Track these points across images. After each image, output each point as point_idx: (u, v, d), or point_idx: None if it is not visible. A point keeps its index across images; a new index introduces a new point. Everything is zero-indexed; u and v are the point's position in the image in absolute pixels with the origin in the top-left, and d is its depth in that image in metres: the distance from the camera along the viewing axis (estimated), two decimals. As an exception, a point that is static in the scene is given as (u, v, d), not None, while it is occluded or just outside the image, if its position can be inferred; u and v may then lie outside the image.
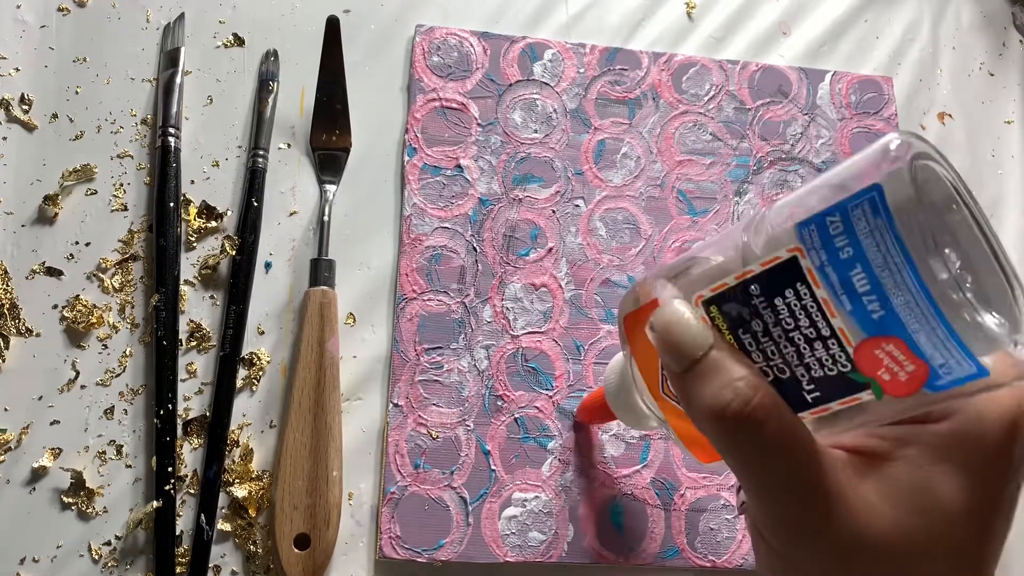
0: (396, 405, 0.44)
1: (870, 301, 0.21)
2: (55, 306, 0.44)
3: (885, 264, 0.20)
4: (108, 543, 0.41)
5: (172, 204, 0.45)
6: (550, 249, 0.48)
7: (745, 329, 0.23)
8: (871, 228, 0.20)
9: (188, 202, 0.46)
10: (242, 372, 0.44)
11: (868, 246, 0.20)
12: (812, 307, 0.22)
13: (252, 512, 0.41)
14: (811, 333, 0.22)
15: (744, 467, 0.24)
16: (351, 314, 0.46)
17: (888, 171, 0.20)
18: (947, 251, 0.20)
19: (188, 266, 0.45)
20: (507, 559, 0.42)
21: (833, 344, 0.22)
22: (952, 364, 0.20)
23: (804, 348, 0.23)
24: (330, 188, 0.48)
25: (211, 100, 0.49)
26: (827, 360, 0.22)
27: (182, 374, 0.44)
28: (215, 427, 0.42)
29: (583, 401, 0.44)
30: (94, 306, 0.44)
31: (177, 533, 0.41)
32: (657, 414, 0.29)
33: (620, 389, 0.36)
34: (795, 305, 0.22)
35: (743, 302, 0.23)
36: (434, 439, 0.44)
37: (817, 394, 0.23)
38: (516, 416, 0.45)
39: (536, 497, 0.43)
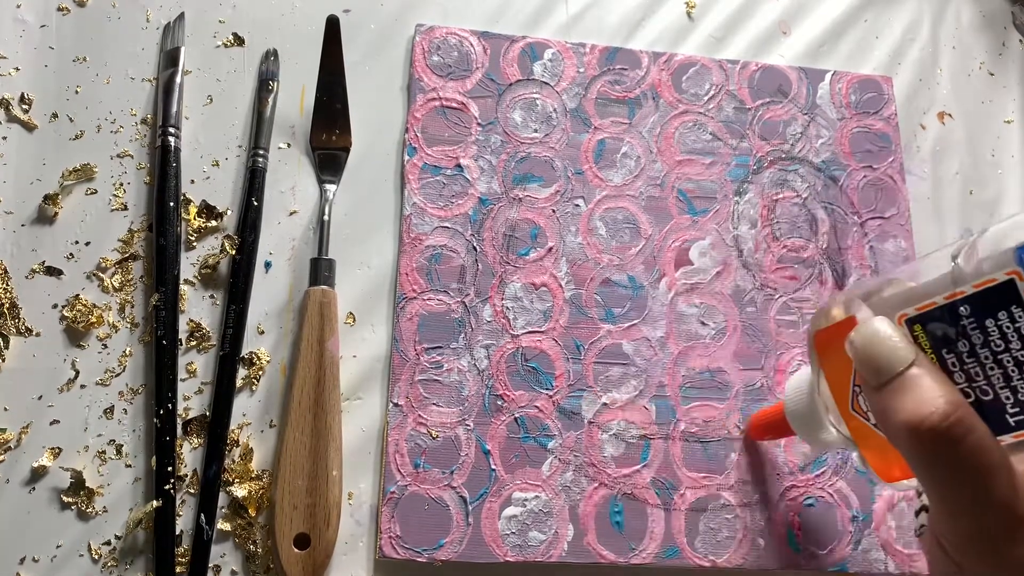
0: (396, 405, 0.44)
1: None
2: (55, 305, 0.44)
3: None
4: (108, 543, 0.41)
5: (172, 204, 0.45)
6: (550, 248, 0.48)
7: (950, 349, 0.24)
8: None
9: (188, 202, 0.46)
10: (242, 372, 0.44)
11: None
12: None
13: (252, 512, 0.41)
14: (1022, 356, 0.22)
15: (937, 482, 0.24)
16: (351, 314, 0.46)
17: None
18: None
19: (188, 265, 0.45)
20: (507, 559, 0.42)
21: None
22: None
23: (1013, 370, 0.23)
24: (330, 187, 0.48)
25: (211, 100, 0.49)
26: None
27: (182, 374, 0.44)
28: (215, 427, 0.42)
29: (756, 417, 0.43)
30: (94, 305, 0.44)
31: (177, 533, 0.41)
32: (843, 431, 0.29)
33: (804, 406, 0.36)
34: (1007, 327, 0.22)
35: (951, 322, 0.23)
36: (434, 439, 0.44)
37: (1021, 417, 0.23)
38: (516, 416, 0.45)
39: (536, 497, 0.43)
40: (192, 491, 0.42)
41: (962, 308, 0.23)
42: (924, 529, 0.30)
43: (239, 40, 0.50)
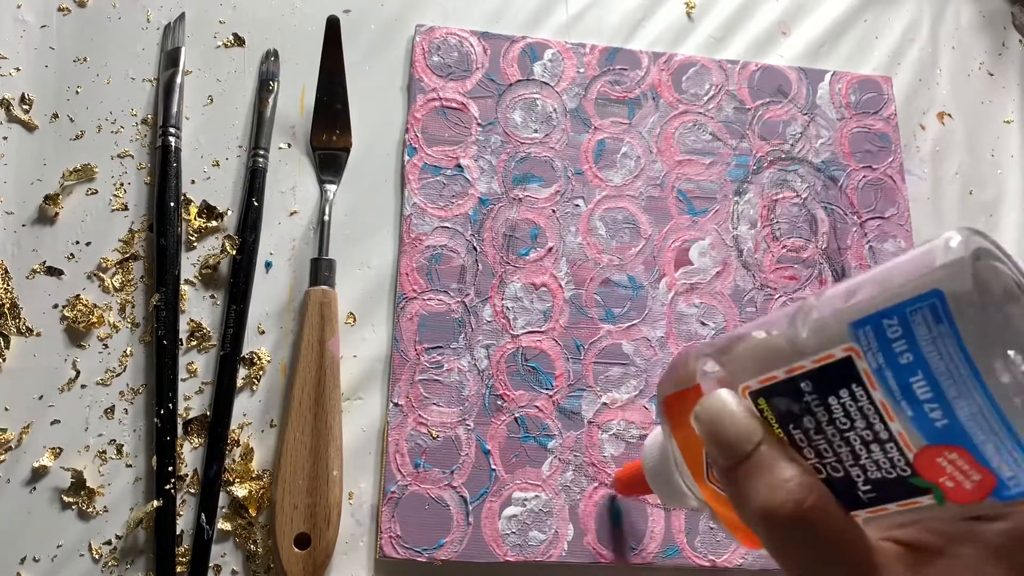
0: (396, 404, 0.44)
1: (932, 409, 0.20)
2: (55, 305, 0.44)
3: (948, 373, 0.19)
4: (108, 542, 0.41)
5: (172, 204, 0.45)
6: (550, 249, 0.48)
7: (796, 425, 0.22)
8: (933, 335, 0.19)
9: (188, 202, 0.46)
10: (242, 371, 0.44)
11: (930, 353, 0.19)
12: (869, 409, 0.21)
13: (252, 511, 0.42)
14: (868, 435, 0.21)
15: (795, 569, 0.23)
16: (351, 313, 0.46)
17: (949, 273, 0.19)
18: (1011, 353, 0.19)
19: (188, 266, 0.45)
20: (507, 558, 0.42)
21: (891, 448, 0.21)
22: (1022, 477, 0.19)
23: (860, 449, 0.22)
24: (330, 188, 0.48)
25: (211, 100, 0.49)
26: (885, 463, 0.21)
27: (182, 373, 0.44)
28: (215, 426, 0.42)
29: (620, 473, 0.42)
30: (94, 305, 0.44)
31: (177, 532, 0.41)
32: (699, 496, 0.28)
33: (660, 469, 0.34)
34: (850, 406, 0.21)
35: (794, 398, 0.22)
36: (434, 438, 0.44)
37: (873, 495, 0.22)
38: (516, 415, 0.45)
39: (536, 496, 0.43)
40: (192, 491, 0.42)
41: (803, 384, 0.22)
42: None
43: (239, 40, 0.50)
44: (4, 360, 0.43)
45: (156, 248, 0.45)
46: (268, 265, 0.46)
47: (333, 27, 0.46)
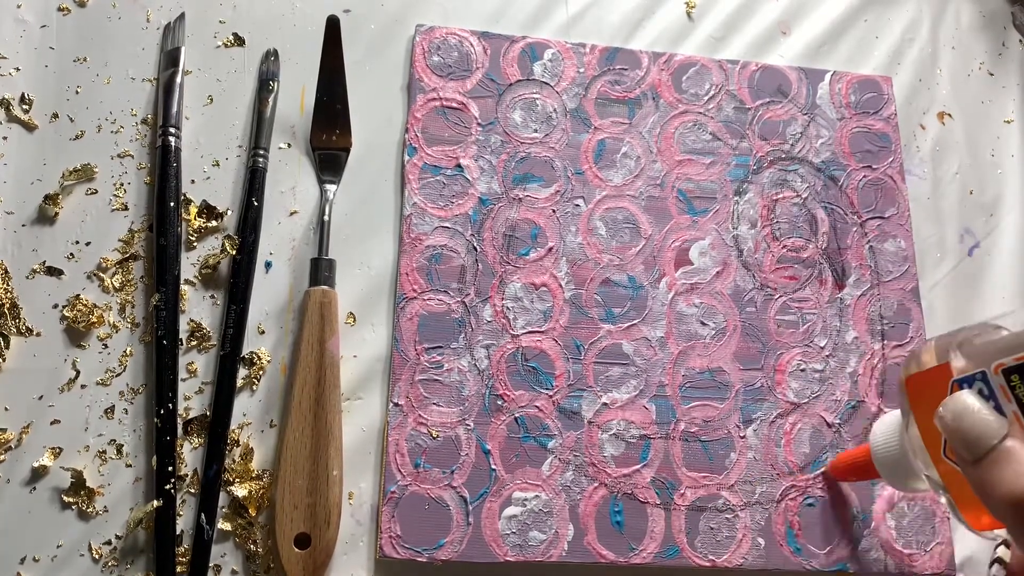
0: (396, 404, 0.44)
1: None
2: (55, 305, 0.44)
3: None
4: (108, 542, 0.41)
5: (172, 204, 0.45)
6: (550, 248, 0.48)
7: None
8: None
9: (188, 202, 0.46)
10: (242, 372, 0.44)
11: None
12: None
13: (252, 511, 0.42)
14: None
15: None
16: (351, 313, 0.46)
17: None
18: None
19: (188, 266, 0.45)
20: (507, 559, 0.42)
21: None
22: None
23: None
24: (330, 188, 0.48)
25: (211, 100, 0.49)
26: None
27: (182, 373, 0.44)
28: (215, 426, 0.42)
29: (840, 458, 0.44)
30: (94, 305, 0.44)
31: (177, 532, 0.41)
32: (933, 476, 0.29)
33: (893, 451, 0.36)
34: None
35: None
36: (434, 438, 0.44)
37: None
38: (516, 415, 0.45)
39: (536, 496, 0.43)
40: (192, 491, 0.42)
41: None
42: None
43: (239, 40, 0.50)
44: (4, 360, 0.43)
45: (156, 248, 0.45)
46: (268, 265, 0.46)
47: (333, 27, 0.46)
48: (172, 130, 0.46)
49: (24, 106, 0.47)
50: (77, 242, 0.45)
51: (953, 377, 0.26)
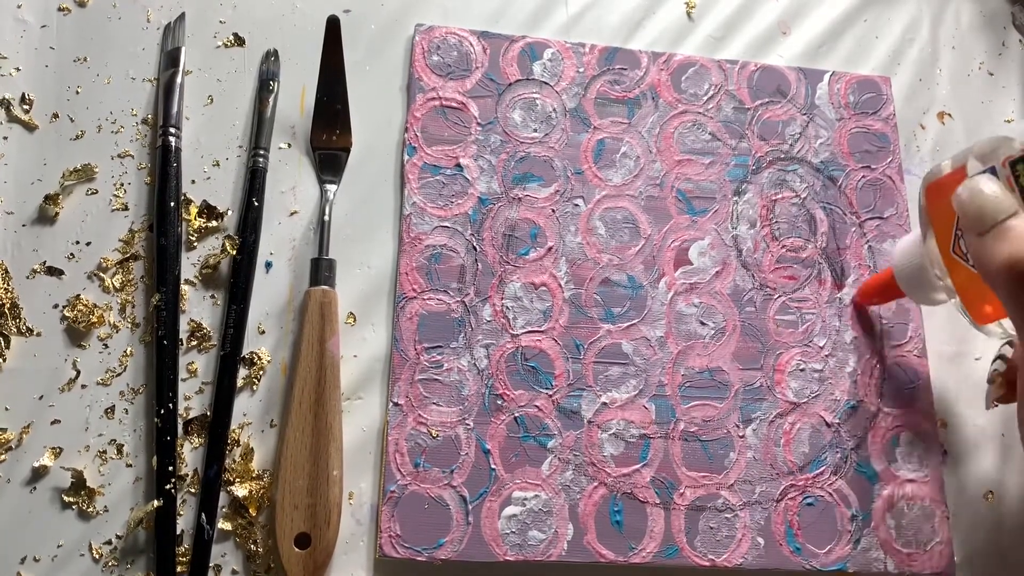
0: (396, 404, 0.44)
1: None
2: (56, 306, 0.44)
3: None
4: (109, 542, 0.41)
5: (173, 204, 0.45)
6: (550, 248, 0.48)
7: None
8: None
9: (189, 202, 0.46)
10: (243, 371, 0.44)
11: None
12: None
13: (253, 511, 0.42)
14: None
15: None
16: (351, 313, 0.46)
17: None
18: None
19: (189, 266, 0.46)
20: (507, 558, 0.42)
21: None
22: None
23: None
24: (330, 188, 0.48)
25: (211, 100, 0.49)
26: None
27: (183, 373, 0.44)
28: (216, 426, 0.42)
29: (866, 284, 0.49)
30: (95, 305, 0.44)
31: (178, 532, 0.41)
32: (945, 281, 0.32)
33: (910, 263, 0.41)
34: None
35: None
36: (434, 438, 0.44)
37: None
38: (516, 415, 0.45)
39: (536, 496, 0.43)
40: (193, 491, 0.42)
41: None
42: (996, 373, 0.35)
43: (239, 40, 0.50)
44: (4, 360, 0.43)
45: (156, 248, 0.45)
46: (268, 265, 0.46)
47: (333, 27, 0.46)
48: (172, 130, 0.46)
49: (24, 106, 0.47)
50: (77, 242, 0.45)
51: (968, 177, 0.29)
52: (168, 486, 0.41)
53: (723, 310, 0.49)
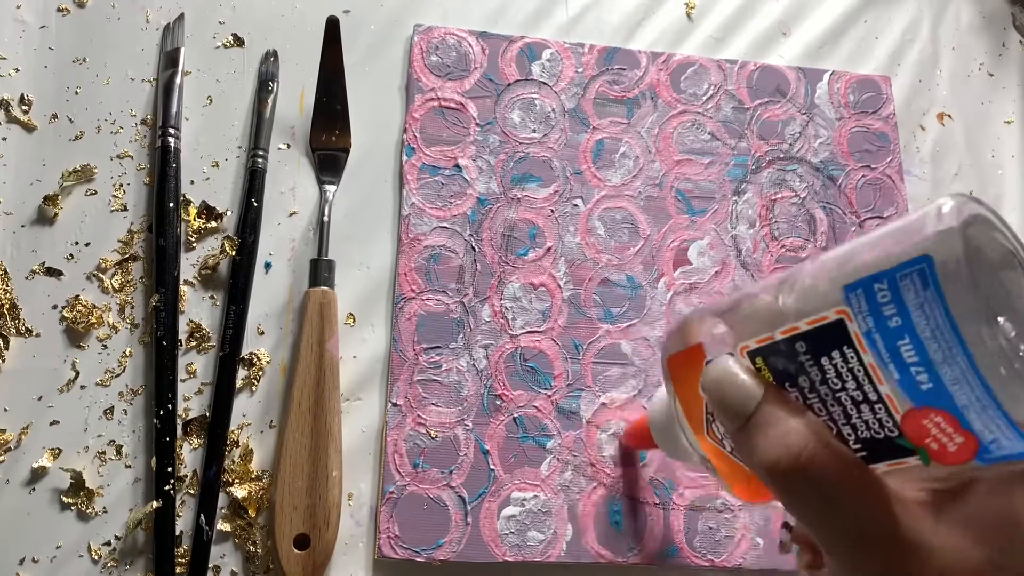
0: (395, 405, 0.44)
1: (918, 372, 0.20)
2: (55, 306, 0.44)
3: (934, 337, 0.19)
4: (108, 543, 0.41)
5: (172, 204, 0.45)
6: (549, 248, 0.48)
7: (792, 384, 0.23)
8: (920, 300, 0.19)
9: (188, 202, 0.46)
10: (242, 372, 0.44)
11: (917, 318, 0.20)
12: (859, 371, 0.21)
13: (252, 512, 0.42)
14: (858, 396, 0.22)
15: (810, 519, 0.23)
16: (351, 314, 0.46)
17: (938, 239, 0.19)
18: (1001, 320, 0.19)
19: (188, 266, 0.46)
20: (506, 559, 0.42)
21: (880, 409, 0.21)
22: (1003, 441, 0.20)
23: (851, 409, 0.22)
24: (330, 188, 0.48)
25: (211, 100, 0.49)
26: (874, 423, 0.22)
27: (182, 374, 0.44)
28: (215, 427, 0.42)
29: (629, 427, 0.44)
30: (94, 306, 0.44)
31: (177, 533, 0.41)
32: (700, 453, 0.28)
33: (664, 424, 0.36)
34: (842, 367, 0.22)
35: (789, 358, 0.23)
36: (433, 439, 0.44)
37: (864, 454, 0.23)
38: (515, 415, 0.45)
39: (535, 496, 0.43)
40: (192, 492, 0.42)
41: (798, 345, 0.22)
42: (788, 545, 0.30)
43: (239, 41, 0.50)
44: (4, 361, 0.43)
45: (155, 249, 0.45)
46: (268, 266, 0.46)
47: (333, 27, 0.46)
48: (172, 131, 0.46)
49: (24, 107, 0.47)
50: (77, 243, 0.45)
51: (707, 358, 0.25)
52: (167, 487, 0.41)
53: (722, 310, 0.48)
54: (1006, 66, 0.59)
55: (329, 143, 0.49)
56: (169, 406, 0.42)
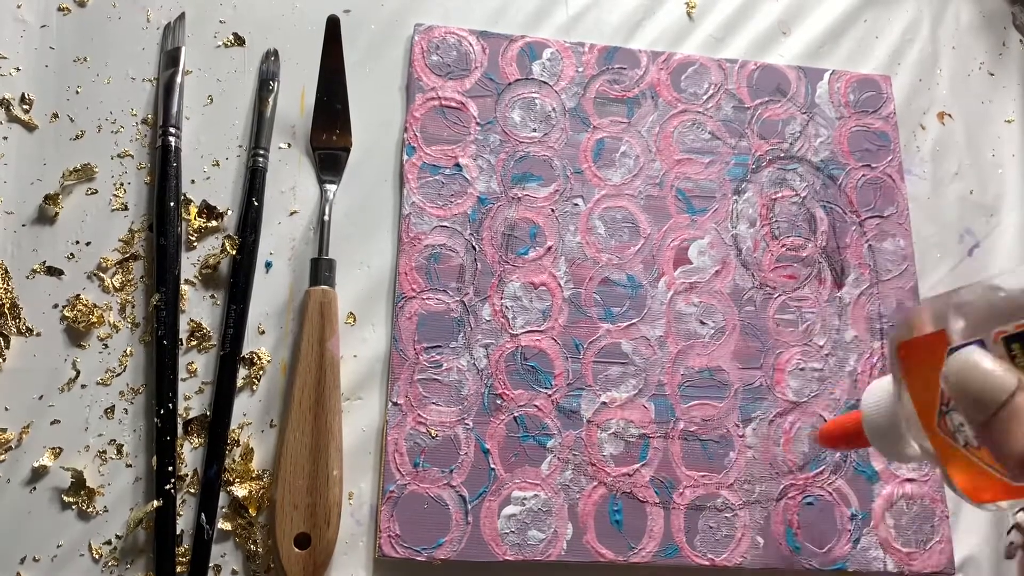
0: (395, 404, 0.44)
1: None
2: (55, 305, 0.44)
3: None
4: (108, 542, 0.41)
5: (172, 204, 0.45)
6: (549, 248, 0.48)
7: None
8: None
9: (188, 202, 0.46)
10: (242, 371, 0.44)
11: None
12: None
13: (252, 511, 0.42)
14: None
15: None
16: (351, 313, 0.46)
17: None
18: None
19: (188, 265, 0.46)
20: (506, 558, 0.42)
21: None
22: None
23: None
24: (330, 187, 0.48)
25: (211, 100, 0.49)
26: None
27: (182, 373, 0.44)
28: (215, 426, 0.42)
29: (829, 425, 0.41)
30: (94, 305, 0.44)
31: (177, 532, 0.41)
32: (926, 447, 0.27)
33: (883, 417, 0.33)
34: None
35: None
36: (433, 438, 0.44)
37: None
38: (515, 414, 0.45)
39: (535, 496, 0.43)
40: (193, 491, 0.42)
41: None
42: (1015, 548, 0.30)
43: (239, 40, 0.50)
44: (4, 360, 0.43)
45: (156, 248, 0.45)
46: (268, 265, 0.46)
47: (333, 27, 0.46)
48: (172, 130, 0.46)
49: (24, 106, 0.47)
50: (77, 242, 0.45)
51: (951, 344, 0.25)
52: (168, 486, 0.41)
53: (723, 309, 0.49)
54: (1006, 65, 0.59)
55: (330, 142, 0.49)
56: (170, 405, 0.42)
